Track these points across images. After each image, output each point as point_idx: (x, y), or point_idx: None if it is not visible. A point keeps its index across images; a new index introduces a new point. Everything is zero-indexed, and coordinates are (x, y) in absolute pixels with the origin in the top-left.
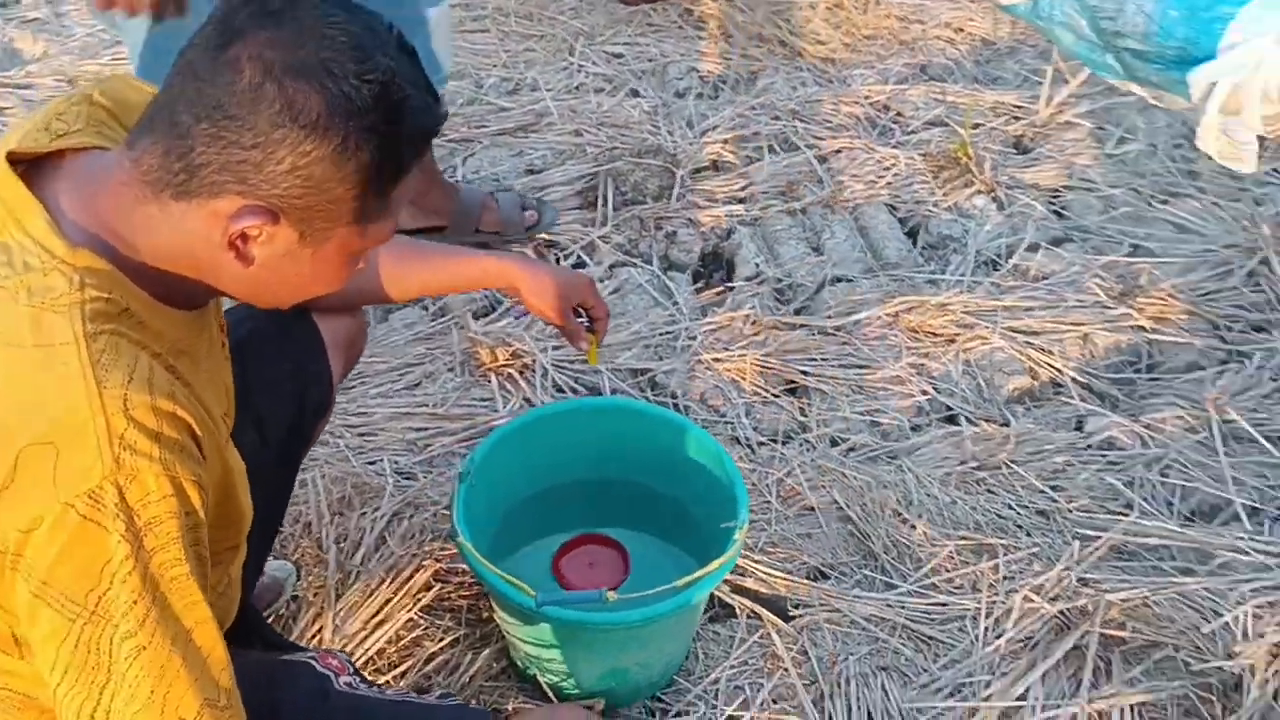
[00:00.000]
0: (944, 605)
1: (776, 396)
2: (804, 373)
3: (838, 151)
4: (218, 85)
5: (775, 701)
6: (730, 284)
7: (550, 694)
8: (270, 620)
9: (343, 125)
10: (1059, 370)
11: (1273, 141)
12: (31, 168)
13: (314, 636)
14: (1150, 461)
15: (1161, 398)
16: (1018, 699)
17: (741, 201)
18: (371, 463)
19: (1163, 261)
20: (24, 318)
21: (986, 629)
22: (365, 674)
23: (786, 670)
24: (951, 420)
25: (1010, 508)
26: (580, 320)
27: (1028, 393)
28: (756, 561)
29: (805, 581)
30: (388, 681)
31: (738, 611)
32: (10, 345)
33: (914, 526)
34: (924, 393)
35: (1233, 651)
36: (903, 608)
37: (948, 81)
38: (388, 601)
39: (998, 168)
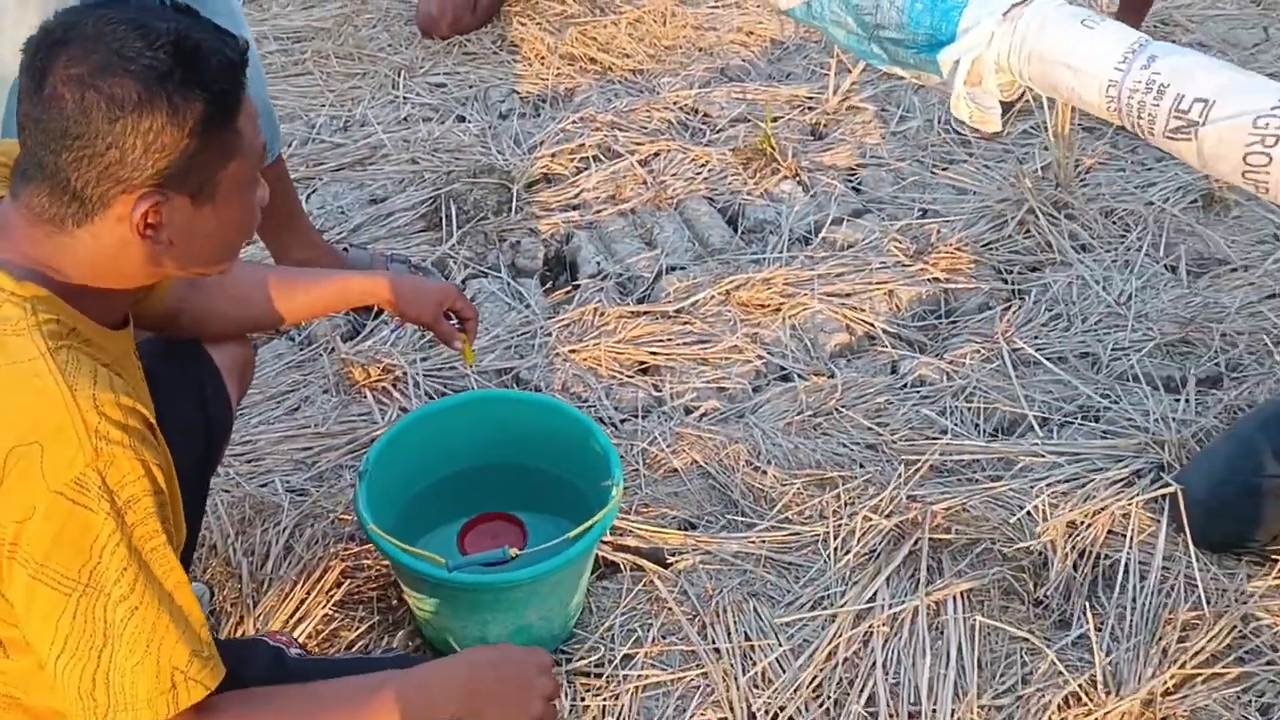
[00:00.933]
0: (798, 534)
1: (631, 377)
2: (653, 353)
3: (656, 154)
4: (53, 118)
5: (664, 636)
6: (576, 283)
7: None
8: None
9: (161, 91)
10: (871, 324)
11: (1011, 102)
12: None
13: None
14: (956, 391)
15: (960, 337)
16: (868, 601)
17: (575, 208)
18: (265, 484)
19: (948, 221)
20: None
21: (835, 549)
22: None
23: (671, 609)
24: (785, 379)
25: (844, 445)
26: (451, 323)
27: (847, 347)
28: (633, 522)
29: (677, 532)
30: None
31: (622, 566)
32: None
33: (765, 472)
34: (759, 358)
35: (1036, 534)
36: (763, 542)
37: (745, 81)
38: (303, 601)
39: (799, 155)
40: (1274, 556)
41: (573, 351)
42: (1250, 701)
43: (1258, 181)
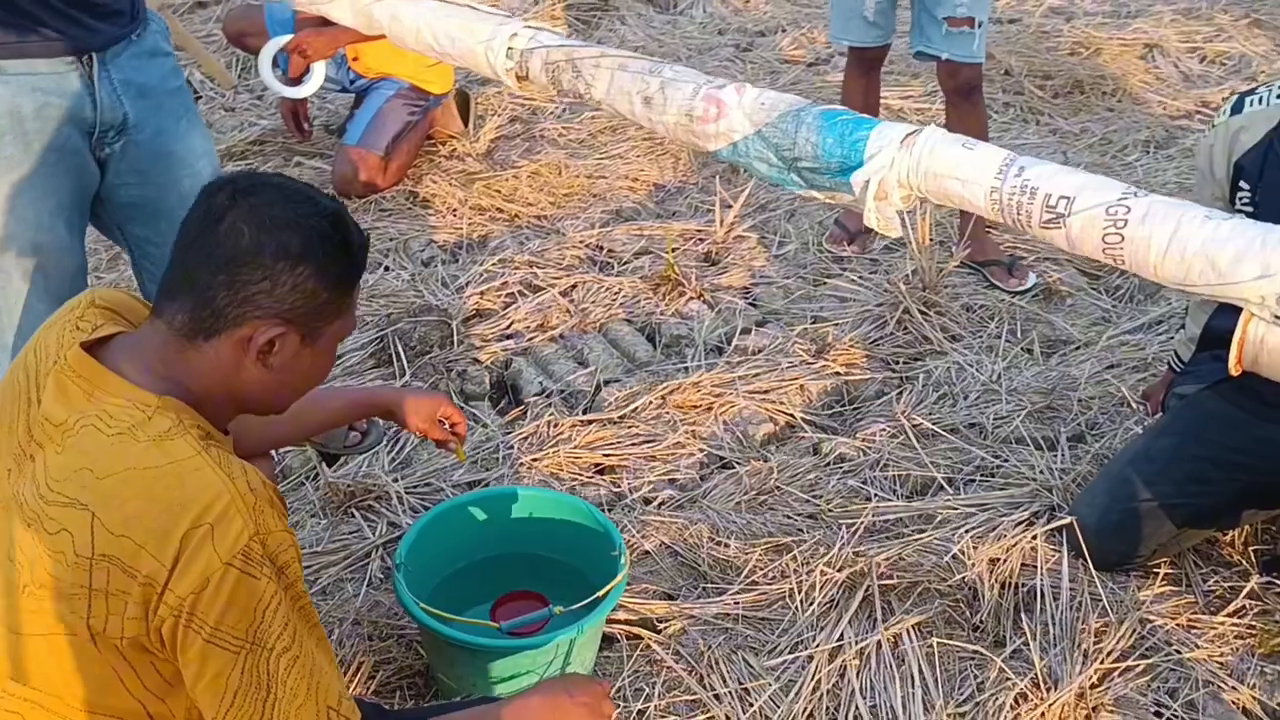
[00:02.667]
0: (766, 593)
1: (591, 478)
2: (607, 455)
3: (574, 286)
4: (225, 247)
5: (669, 690)
6: (522, 403)
7: None
8: None
9: (318, 249)
10: (791, 414)
11: (909, 209)
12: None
13: None
14: (873, 464)
15: (866, 419)
16: (837, 641)
17: (510, 337)
18: None
19: (838, 324)
20: (149, 449)
21: (800, 601)
22: None
23: (670, 666)
24: (727, 466)
25: (789, 517)
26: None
27: (774, 435)
28: (620, 600)
29: (661, 603)
30: None
31: (619, 637)
32: (148, 469)
33: (727, 545)
34: (701, 450)
35: (964, 572)
36: (738, 603)
37: (639, 220)
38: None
39: (699, 279)
40: (1154, 570)
41: (534, 460)
42: (1158, 687)
43: (1115, 255)
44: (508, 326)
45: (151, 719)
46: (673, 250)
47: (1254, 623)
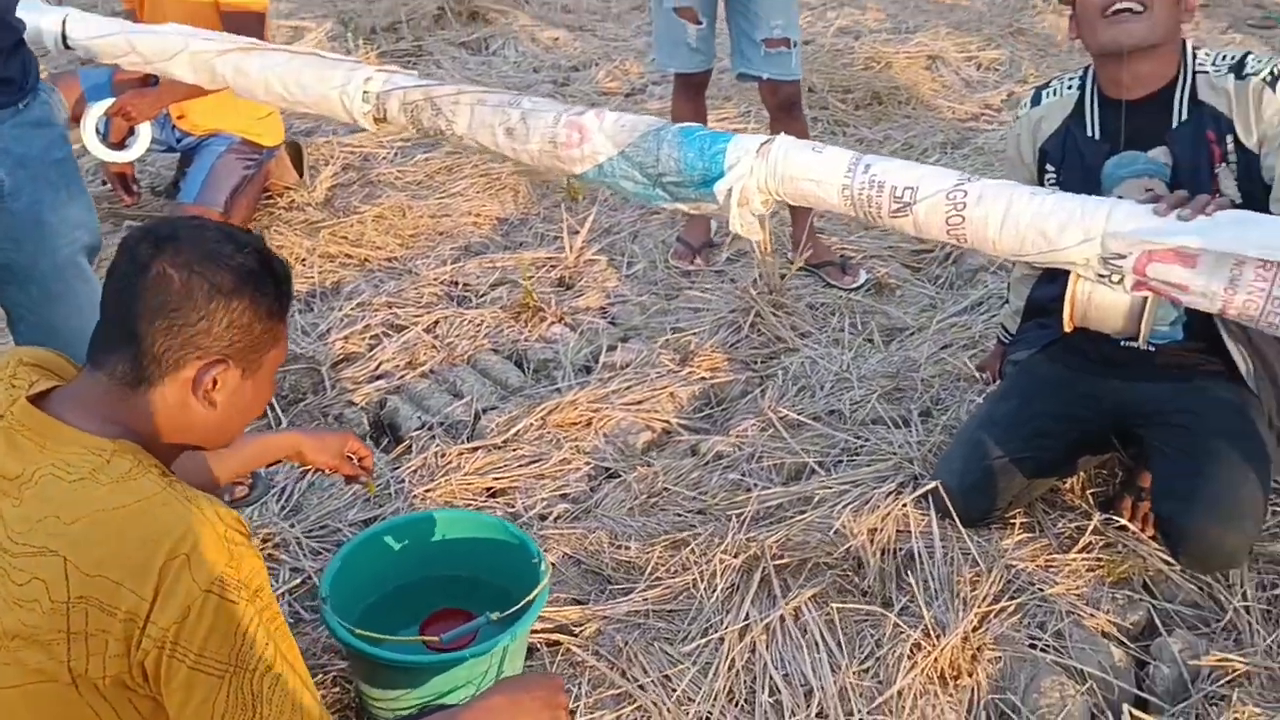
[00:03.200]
0: (670, 587)
1: (485, 502)
2: (497, 479)
3: (436, 322)
4: (157, 294)
5: (595, 688)
6: (405, 438)
7: None
8: None
9: (249, 284)
10: (667, 421)
11: (769, 212)
12: None
13: None
14: (749, 457)
15: (736, 417)
16: (744, 620)
17: (381, 377)
18: None
19: (696, 333)
20: (115, 490)
21: (704, 589)
22: None
23: (593, 665)
24: (614, 475)
25: (680, 515)
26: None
27: (653, 442)
28: None
29: (574, 608)
30: None
31: (538, 645)
32: (117, 509)
33: (627, 548)
34: (587, 464)
35: (847, 544)
36: (646, 600)
37: (489, 254)
38: None
39: (558, 303)
40: (1011, 521)
41: (427, 491)
42: (1029, 623)
43: (959, 235)
44: (377, 367)
45: None
46: (528, 278)
47: (1100, 556)
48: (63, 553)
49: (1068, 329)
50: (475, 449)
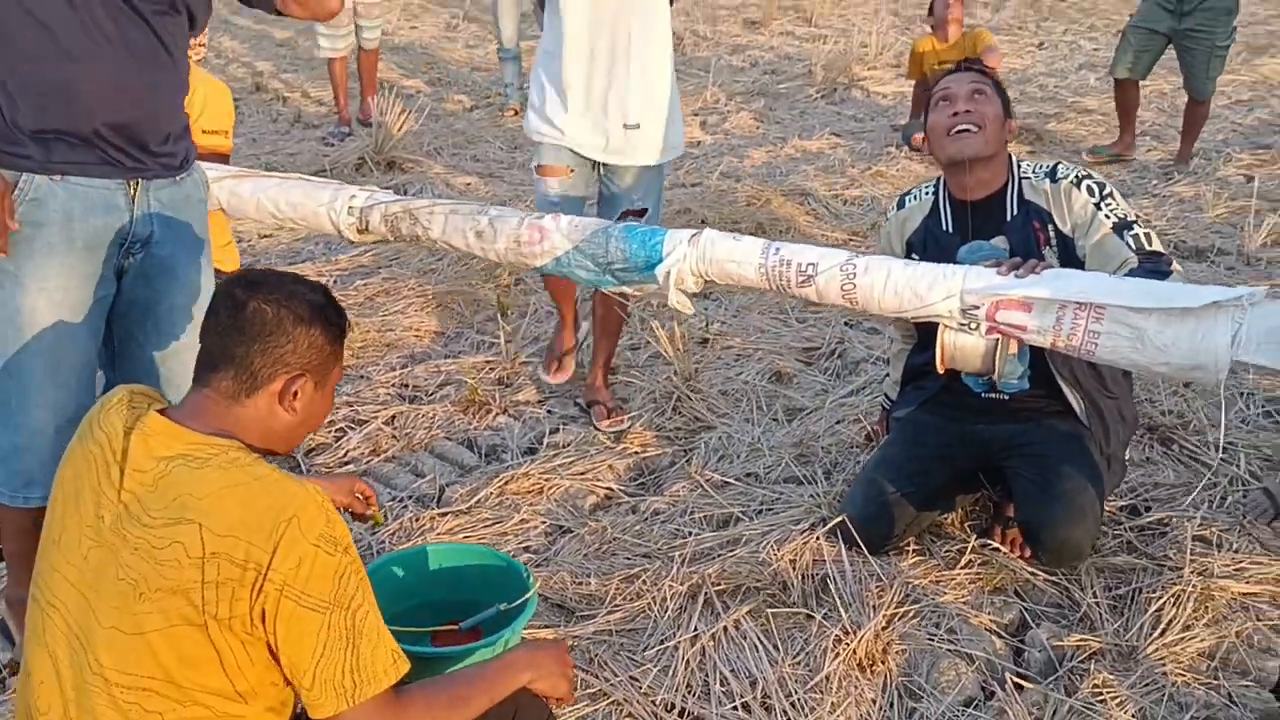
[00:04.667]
0: (628, 611)
1: None
2: (466, 537)
3: (393, 417)
4: (254, 324)
5: (574, 688)
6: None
7: None
8: None
9: (320, 314)
10: (610, 487)
11: (699, 290)
12: None
13: None
14: (683, 511)
15: (668, 481)
16: (694, 632)
17: (349, 463)
18: None
19: (626, 415)
20: (234, 471)
21: (658, 611)
22: None
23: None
24: (567, 531)
25: (630, 558)
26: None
27: (599, 504)
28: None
29: (547, 631)
30: None
31: None
32: (238, 485)
33: (588, 584)
34: (544, 523)
35: (773, 571)
36: (609, 622)
37: (433, 360)
38: None
39: (500, 398)
40: (905, 548)
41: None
42: (926, 623)
43: (852, 298)
44: (345, 455)
45: (239, 695)
46: (473, 378)
47: (979, 571)
48: (198, 519)
49: (940, 371)
50: (444, 514)
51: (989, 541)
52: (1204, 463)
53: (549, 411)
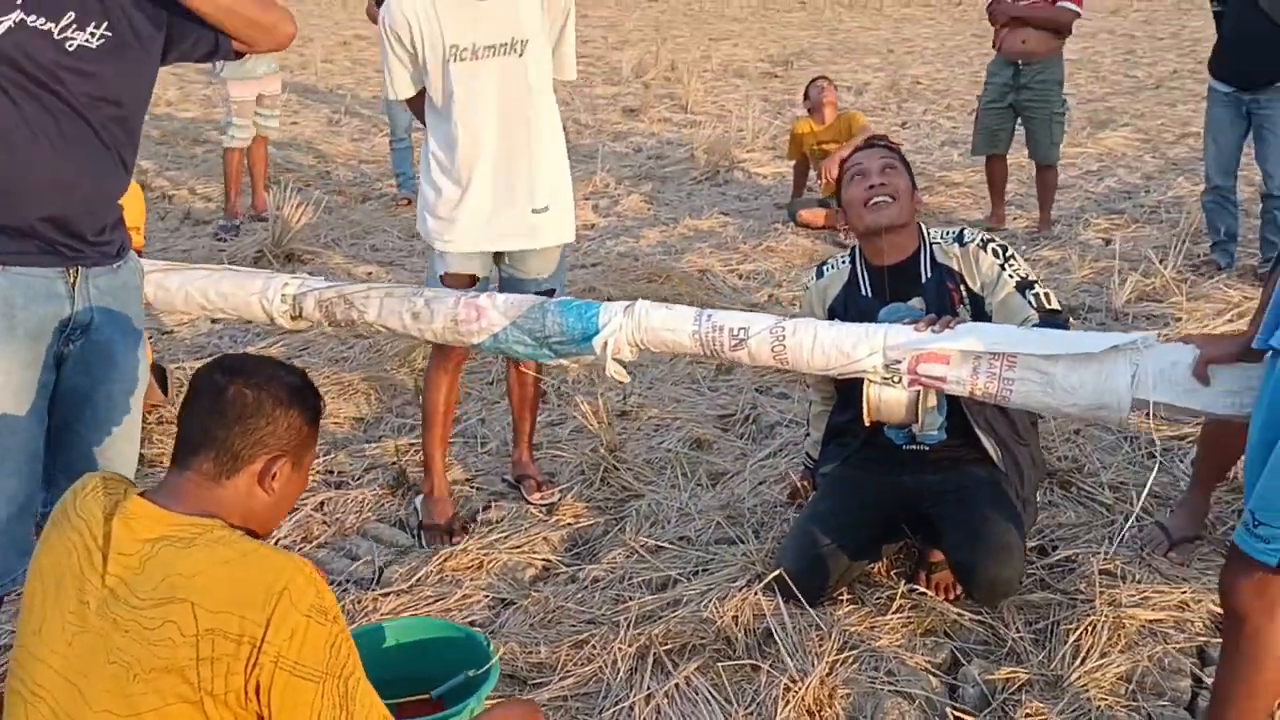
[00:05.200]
0: (581, 675)
1: None
2: (412, 615)
3: (322, 503)
4: (235, 407)
5: None
6: None
7: None
8: None
9: (299, 397)
10: (547, 559)
11: (634, 359)
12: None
13: None
14: (621, 578)
15: (604, 550)
16: (646, 690)
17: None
18: None
19: (559, 488)
20: (221, 548)
21: (610, 673)
22: None
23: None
24: (510, 604)
25: (574, 626)
26: None
27: (538, 575)
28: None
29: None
30: None
31: None
32: (227, 561)
33: (538, 652)
34: (486, 597)
35: (716, 626)
36: (564, 688)
37: (354, 445)
38: None
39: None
40: (839, 598)
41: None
42: (866, 668)
43: (782, 359)
44: (275, 542)
45: None
46: (399, 459)
47: (910, 615)
48: (189, 598)
49: (867, 423)
50: (386, 594)
51: (916, 586)
52: (1100, 502)
53: (477, 489)
